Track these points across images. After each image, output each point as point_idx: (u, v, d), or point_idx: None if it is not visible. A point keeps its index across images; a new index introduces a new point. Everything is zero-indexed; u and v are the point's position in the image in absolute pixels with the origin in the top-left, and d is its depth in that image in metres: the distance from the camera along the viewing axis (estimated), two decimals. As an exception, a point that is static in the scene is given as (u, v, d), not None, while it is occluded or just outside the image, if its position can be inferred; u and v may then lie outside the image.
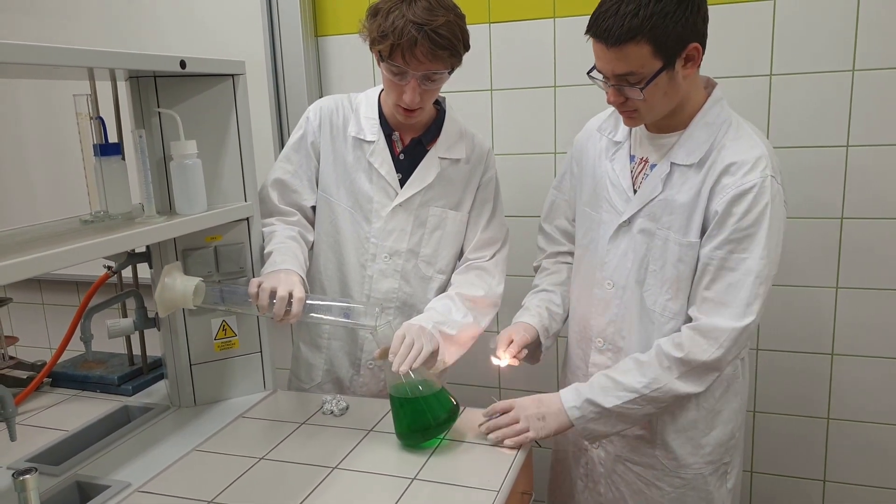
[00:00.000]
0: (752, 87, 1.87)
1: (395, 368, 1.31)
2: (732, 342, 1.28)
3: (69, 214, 1.37)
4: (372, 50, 1.45)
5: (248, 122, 1.50)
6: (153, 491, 1.21)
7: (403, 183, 1.57)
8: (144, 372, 1.69)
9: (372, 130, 1.57)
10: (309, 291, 1.39)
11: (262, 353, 1.60)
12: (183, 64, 1.31)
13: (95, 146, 1.32)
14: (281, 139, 2.20)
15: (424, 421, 1.30)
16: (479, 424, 1.37)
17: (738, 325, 1.27)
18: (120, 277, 1.65)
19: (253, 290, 1.33)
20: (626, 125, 1.39)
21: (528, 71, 2.04)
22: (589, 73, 1.31)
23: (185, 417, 1.50)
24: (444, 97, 1.62)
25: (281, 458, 1.31)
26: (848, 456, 2.00)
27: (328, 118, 1.60)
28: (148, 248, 1.50)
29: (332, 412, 1.48)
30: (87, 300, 1.56)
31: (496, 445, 1.33)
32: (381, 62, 1.44)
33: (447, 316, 1.50)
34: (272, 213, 1.59)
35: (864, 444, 1.98)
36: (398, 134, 1.59)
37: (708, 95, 1.35)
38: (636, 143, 1.43)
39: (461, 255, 1.66)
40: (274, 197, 1.59)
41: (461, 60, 1.44)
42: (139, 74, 1.38)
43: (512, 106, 2.08)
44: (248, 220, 1.52)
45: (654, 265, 1.37)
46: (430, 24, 1.34)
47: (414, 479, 1.22)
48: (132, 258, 1.52)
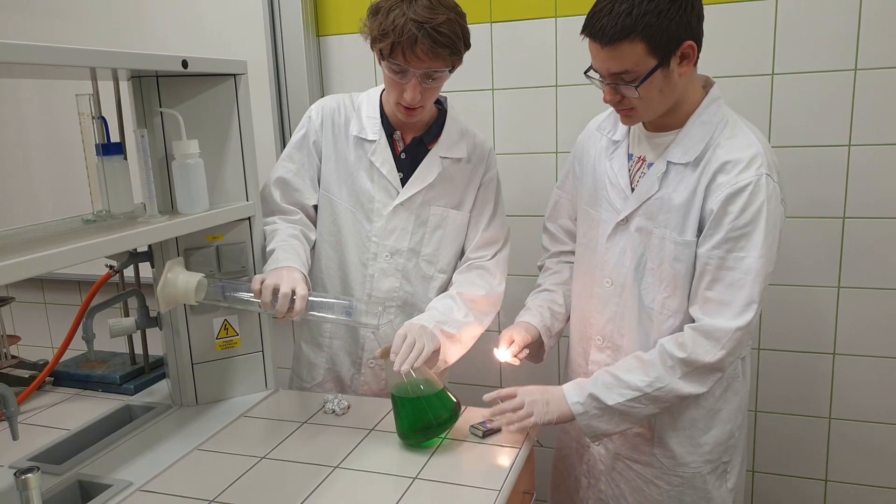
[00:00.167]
0: (753, 86, 1.86)
1: (396, 368, 1.31)
2: (735, 342, 1.28)
3: (71, 214, 1.37)
4: (373, 48, 1.45)
5: (249, 121, 1.50)
6: (155, 490, 1.21)
7: (405, 182, 1.58)
8: (146, 371, 1.69)
9: (373, 129, 1.57)
10: (311, 289, 1.39)
11: (263, 352, 1.60)
12: (185, 64, 1.31)
13: (97, 146, 1.33)
14: (282, 138, 2.20)
15: (426, 420, 1.31)
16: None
17: (739, 324, 1.27)
18: (122, 277, 1.65)
19: (256, 286, 1.33)
20: (623, 124, 1.40)
21: (529, 70, 2.04)
22: (586, 72, 1.31)
23: (186, 417, 1.50)
24: (445, 97, 1.62)
25: (282, 457, 1.31)
26: (849, 456, 2.00)
27: (330, 117, 1.60)
28: (150, 247, 1.51)
29: (333, 411, 1.49)
30: (88, 299, 1.57)
31: (493, 434, 1.34)
32: (381, 61, 1.44)
33: (448, 315, 1.50)
34: (274, 211, 1.59)
35: (865, 443, 1.98)
36: (399, 133, 1.59)
37: (706, 94, 1.35)
38: (634, 141, 1.43)
39: (462, 254, 1.66)
40: (276, 196, 1.59)
41: (462, 59, 1.45)
42: (141, 74, 1.38)
43: (513, 105, 2.08)
44: (249, 219, 1.52)
45: (651, 263, 1.37)
46: (430, 22, 1.35)
47: (415, 478, 1.22)
48: (134, 258, 1.52)
